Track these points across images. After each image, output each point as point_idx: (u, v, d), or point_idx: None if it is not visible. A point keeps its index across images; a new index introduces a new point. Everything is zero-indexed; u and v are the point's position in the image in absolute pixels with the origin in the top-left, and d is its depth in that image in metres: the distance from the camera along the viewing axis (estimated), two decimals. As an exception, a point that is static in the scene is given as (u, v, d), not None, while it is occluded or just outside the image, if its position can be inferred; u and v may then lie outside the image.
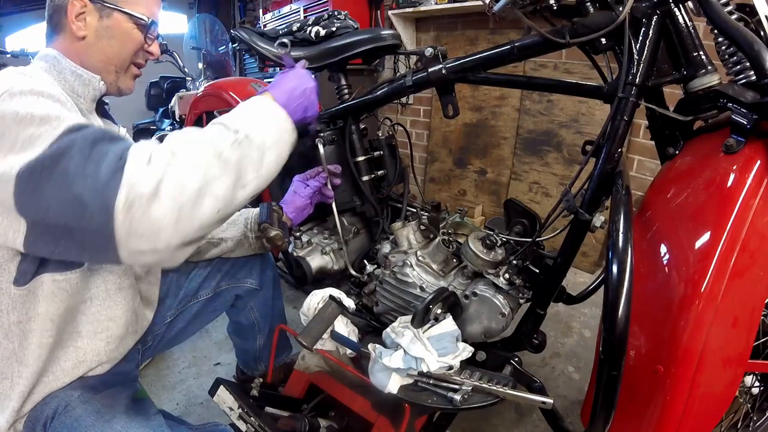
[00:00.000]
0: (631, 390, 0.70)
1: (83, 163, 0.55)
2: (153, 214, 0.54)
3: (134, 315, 0.85)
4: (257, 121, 0.69)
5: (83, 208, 0.54)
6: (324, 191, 1.16)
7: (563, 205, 0.85)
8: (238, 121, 0.67)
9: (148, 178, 0.55)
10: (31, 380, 0.70)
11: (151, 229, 0.55)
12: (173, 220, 0.55)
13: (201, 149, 0.60)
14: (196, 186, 0.57)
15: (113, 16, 0.76)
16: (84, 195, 0.54)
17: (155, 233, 0.55)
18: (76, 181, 0.54)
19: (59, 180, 0.54)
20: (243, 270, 1.12)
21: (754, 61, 0.65)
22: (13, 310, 0.67)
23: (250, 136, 0.65)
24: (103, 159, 0.55)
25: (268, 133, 0.69)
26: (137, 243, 0.55)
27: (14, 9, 3.70)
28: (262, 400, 0.95)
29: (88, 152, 0.56)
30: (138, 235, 0.55)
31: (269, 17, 3.18)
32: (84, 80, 0.76)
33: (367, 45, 1.20)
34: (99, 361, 0.78)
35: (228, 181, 0.61)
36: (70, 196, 0.54)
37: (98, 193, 0.53)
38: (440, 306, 0.91)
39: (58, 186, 0.54)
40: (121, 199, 0.53)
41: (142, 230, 0.55)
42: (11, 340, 0.68)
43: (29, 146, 0.55)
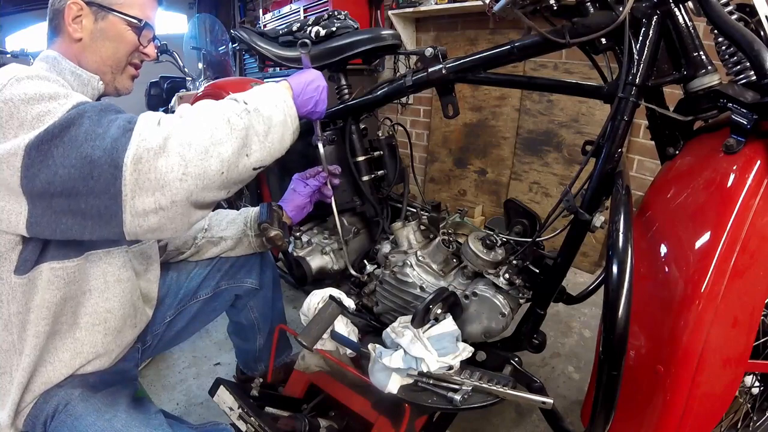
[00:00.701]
0: (631, 390, 0.70)
1: (93, 127, 0.58)
2: (160, 167, 0.57)
3: (133, 308, 0.85)
4: (267, 99, 0.75)
5: (92, 167, 0.56)
6: (323, 190, 1.16)
7: (563, 205, 0.85)
8: (249, 96, 0.73)
9: (156, 134, 0.58)
10: (28, 370, 0.70)
11: (158, 183, 0.58)
12: (179, 174, 0.58)
13: (209, 113, 0.64)
14: (203, 144, 0.61)
15: (108, 18, 0.77)
16: (93, 154, 0.56)
17: (161, 187, 0.58)
18: (86, 142, 0.57)
19: (69, 144, 0.56)
20: (243, 270, 1.12)
21: (754, 61, 0.65)
22: (13, 300, 0.68)
23: (259, 110, 0.71)
24: (113, 123, 0.59)
25: (276, 112, 0.74)
26: (142, 200, 0.58)
27: (14, 9, 3.70)
28: (262, 400, 0.95)
29: (97, 118, 0.59)
30: (144, 189, 0.57)
31: (269, 17, 3.18)
32: (83, 80, 0.77)
33: (367, 45, 1.20)
34: (96, 353, 0.78)
35: (234, 145, 0.64)
36: (80, 157, 0.56)
37: (107, 151, 0.56)
38: (440, 306, 0.91)
39: (67, 149, 0.56)
40: (130, 154, 0.56)
41: (149, 183, 0.57)
42: (10, 332, 0.69)
43: (38, 123, 0.57)
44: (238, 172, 0.67)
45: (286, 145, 0.77)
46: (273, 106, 0.74)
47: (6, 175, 0.57)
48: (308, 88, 0.86)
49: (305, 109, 0.86)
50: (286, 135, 0.77)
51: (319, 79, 0.89)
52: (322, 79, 0.90)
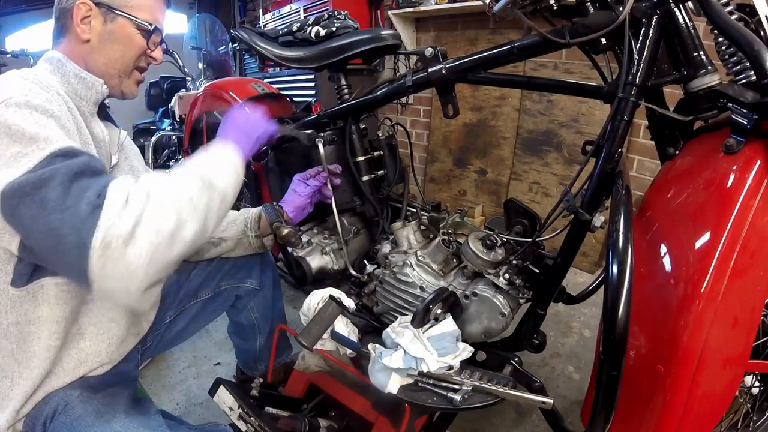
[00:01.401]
0: (631, 390, 0.70)
1: (63, 196, 0.56)
2: (128, 256, 0.56)
3: (135, 316, 0.85)
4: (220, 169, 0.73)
5: (59, 242, 0.56)
6: (323, 191, 1.16)
7: (563, 205, 0.85)
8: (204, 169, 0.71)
9: (125, 220, 0.56)
10: (35, 381, 0.70)
11: (125, 272, 0.56)
12: (146, 262, 0.57)
13: (174, 194, 0.63)
14: (170, 230, 0.59)
15: (117, 20, 0.77)
16: (61, 229, 0.55)
17: (128, 276, 0.57)
18: (54, 213, 0.56)
19: (38, 209, 0.56)
20: (243, 270, 1.12)
21: (754, 61, 0.65)
22: (11, 311, 0.68)
23: (214, 183, 0.69)
24: (83, 195, 0.57)
25: (229, 177, 0.73)
26: (110, 284, 0.57)
27: (14, 9, 3.70)
28: (262, 400, 0.95)
29: (68, 185, 0.57)
30: (110, 276, 0.56)
31: (269, 17, 3.18)
32: (87, 83, 0.76)
33: (367, 45, 1.20)
34: (100, 362, 0.78)
35: (196, 226, 0.63)
36: (48, 228, 0.56)
37: (75, 229, 0.55)
38: (440, 306, 0.91)
39: (37, 214, 0.56)
40: (98, 238, 0.54)
41: (116, 272, 0.56)
42: (9, 341, 0.69)
43: (14, 163, 0.57)
44: (192, 251, 0.66)
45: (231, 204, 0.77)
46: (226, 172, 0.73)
47: None
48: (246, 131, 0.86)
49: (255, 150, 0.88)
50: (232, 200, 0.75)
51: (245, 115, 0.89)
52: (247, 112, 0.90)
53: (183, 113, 2.61)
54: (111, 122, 0.88)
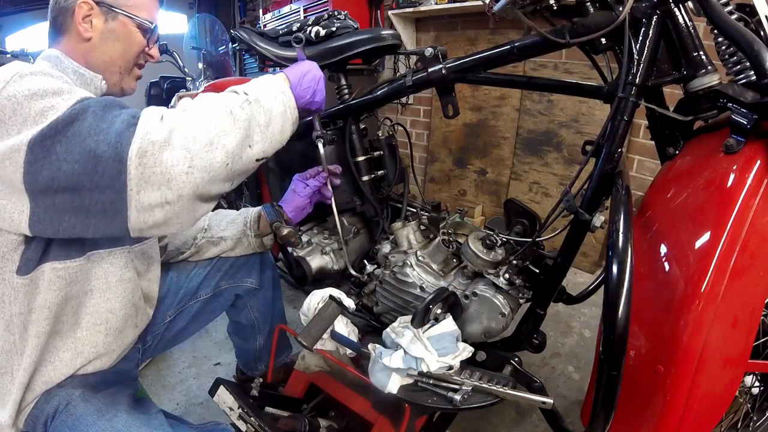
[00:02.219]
0: (631, 390, 0.70)
1: (97, 122, 0.57)
2: (165, 160, 0.57)
3: (134, 308, 0.85)
4: (267, 90, 0.76)
5: (96, 162, 0.56)
6: (323, 191, 1.16)
7: (563, 205, 0.85)
8: (249, 87, 0.74)
9: (161, 128, 0.58)
10: (29, 369, 0.70)
11: (163, 177, 0.57)
12: (185, 168, 0.58)
13: (212, 105, 0.65)
14: (208, 137, 0.61)
15: (118, 19, 0.78)
16: (98, 148, 0.56)
17: (167, 181, 0.58)
18: (90, 137, 0.56)
19: (72, 139, 0.56)
20: (243, 270, 1.12)
21: (754, 61, 0.65)
22: (15, 301, 0.67)
23: (260, 101, 0.72)
24: (117, 118, 0.58)
25: (276, 103, 0.75)
26: (148, 194, 0.57)
27: (14, 9, 3.70)
28: (262, 400, 0.95)
29: (101, 113, 0.58)
30: (150, 183, 0.57)
31: (269, 17, 3.18)
32: (86, 79, 0.77)
33: (367, 45, 1.20)
34: (97, 353, 0.78)
35: (237, 136, 0.65)
36: (84, 152, 0.56)
37: (112, 145, 0.56)
38: (440, 306, 0.91)
39: (71, 145, 0.56)
40: (134, 148, 0.56)
41: (155, 177, 0.57)
42: (12, 332, 0.69)
43: (42, 118, 0.57)
44: (242, 164, 0.67)
45: (286, 136, 0.78)
46: (273, 97, 0.75)
47: (9, 171, 0.56)
48: (305, 79, 0.87)
49: (303, 100, 0.87)
50: (286, 126, 0.77)
51: (315, 69, 0.90)
52: (318, 70, 0.91)
53: (183, 113, 2.60)
54: None
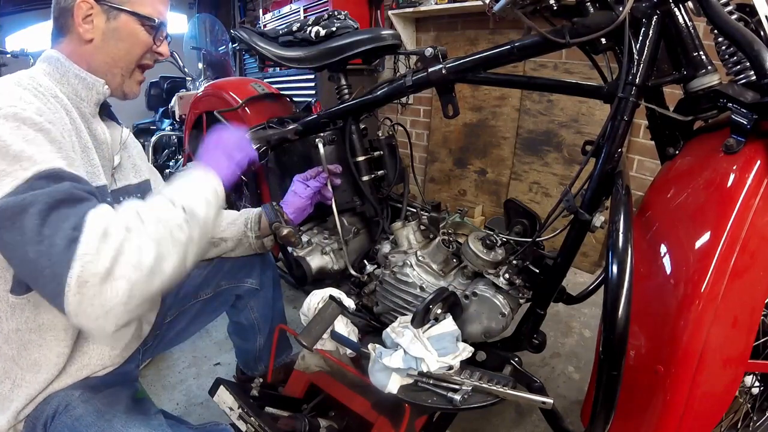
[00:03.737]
0: (631, 390, 0.70)
1: (40, 226, 0.54)
2: (105, 293, 0.54)
3: (139, 320, 0.85)
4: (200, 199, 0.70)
5: (37, 274, 0.55)
6: (324, 192, 1.16)
7: (563, 205, 0.85)
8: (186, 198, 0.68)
9: (102, 256, 0.54)
10: (42, 386, 0.71)
11: (102, 309, 0.54)
12: (124, 299, 0.55)
13: (155, 226, 0.61)
14: (149, 265, 0.57)
15: (120, 17, 0.74)
16: (38, 262, 0.54)
17: (104, 314, 0.55)
18: (30, 244, 0.54)
19: (18, 235, 0.55)
20: (243, 270, 1.12)
21: (754, 61, 0.65)
22: (11, 318, 0.68)
23: (196, 214, 0.67)
24: (60, 226, 0.55)
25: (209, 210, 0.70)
26: (85, 321, 0.55)
27: (14, 9, 3.70)
28: (262, 400, 0.95)
29: (46, 213, 0.55)
30: (87, 314, 0.54)
31: (269, 17, 3.18)
32: (88, 84, 0.75)
33: (367, 45, 1.20)
34: (103, 365, 0.79)
35: (176, 259, 0.61)
36: (26, 258, 0.55)
37: (51, 264, 0.54)
38: (440, 306, 0.91)
39: (16, 241, 0.55)
40: (74, 275, 0.53)
41: (92, 309, 0.54)
42: (10, 346, 0.69)
43: None
44: (174, 282, 0.64)
45: None
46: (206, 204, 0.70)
47: None
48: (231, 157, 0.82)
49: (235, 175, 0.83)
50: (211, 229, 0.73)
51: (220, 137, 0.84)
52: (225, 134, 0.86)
53: (183, 113, 2.61)
54: (114, 121, 0.87)
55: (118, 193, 0.82)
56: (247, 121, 1.57)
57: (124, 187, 0.84)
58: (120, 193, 0.82)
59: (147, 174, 0.92)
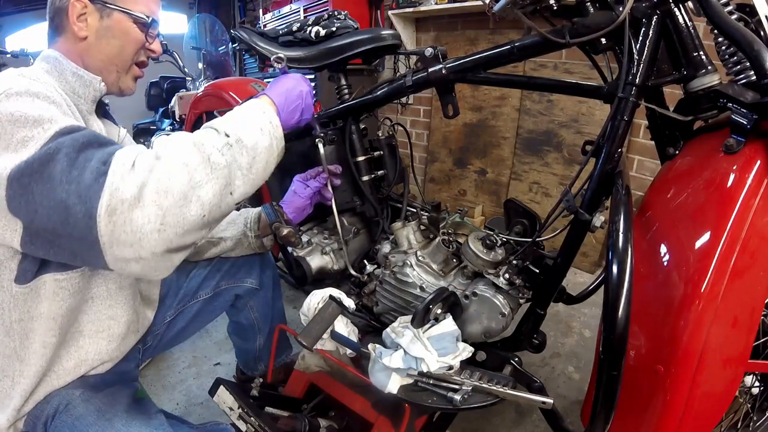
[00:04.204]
0: (631, 390, 0.70)
1: (69, 168, 0.55)
2: (135, 219, 0.54)
3: (135, 314, 0.85)
4: (250, 125, 0.69)
5: (67, 214, 0.54)
6: (324, 192, 1.16)
7: (563, 205, 0.85)
8: (231, 124, 0.67)
9: (130, 182, 0.54)
10: (33, 379, 0.70)
11: (134, 235, 0.54)
12: (156, 226, 0.55)
13: (187, 153, 0.59)
14: (181, 191, 0.56)
15: (113, 15, 0.76)
16: (68, 200, 0.54)
17: (138, 240, 0.55)
18: (60, 185, 0.54)
19: (47, 183, 0.55)
20: (243, 270, 1.12)
21: (754, 61, 0.65)
22: (14, 308, 0.67)
23: (242, 140, 0.65)
24: (88, 164, 0.55)
25: (261, 138, 0.69)
26: (121, 250, 0.55)
27: (14, 9, 3.70)
28: (262, 400, 0.95)
29: (74, 156, 0.56)
30: (121, 242, 0.54)
31: (269, 17, 3.18)
32: (84, 81, 0.76)
33: (367, 45, 1.20)
34: (101, 359, 0.78)
35: (215, 186, 0.60)
36: (56, 201, 0.54)
37: (81, 198, 0.54)
38: (440, 306, 0.91)
39: (44, 189, 0.55)
40: (103, 204, 0.53)
41: (125, 236, 0.54)
42: (12, 338, 0.69)
43: (21, 148, 0.56)
44: (221, 212, 0.63)
45: (270, 170, 0.72)
46: (258, 131, 0.68)
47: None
48: (291, 97, 0.80)
49: (292, 121, 0.81)
50: (271, 160, 0.71)
51: (300, 83, 0.84)
52: (304, 82, 0.85)
53: (183, 113, 2.62)
54: (110, 120, 0.88)
55: None
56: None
57: None
58: None
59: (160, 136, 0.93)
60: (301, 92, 0.83)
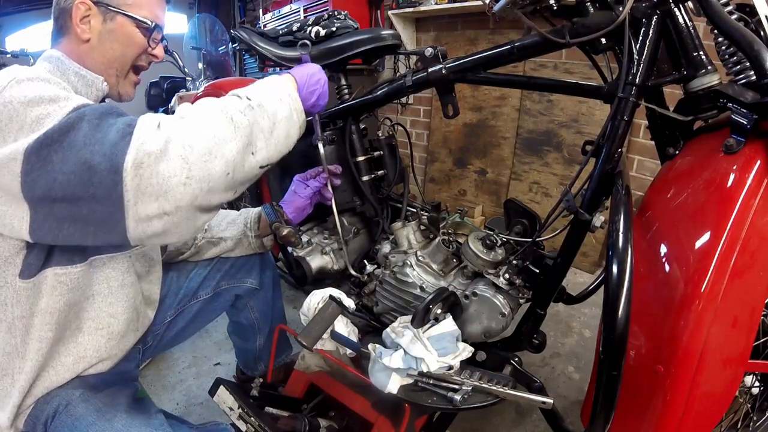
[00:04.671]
0: (631, 390, 0.70)
1: (92, 132, 0.56)
2: (162, 171, 0.55)
3: (135, 313, 0.85)
4: (271, 94, 0.72)
5: (92, 173, 0.55)
6: (324, 192, 1.16)
7: (563, 205, 0.85)
8: (252, 91, 0.70)
9: (157, 138, 0.56)
10: (30, 374, 0.70)
11: (160, 188, 0.56)
12: (182, 179, 0.56)
13: (211, 112, 0.62)
14: (206, 146, 0.59)
15: (116, 19, 0.76)
16: (93, 159, 0.55)
17: (164, 192, 0.56)
18: (85, 147, 0.55)
19: (68, 149, 0.55)
20: (243, 270, 1.12)
21: (754, 61, 0.65)
22: (17, 304, 0.67)
23: (263, 105, 0.68)
24: (112, 127, 0.57)
25: (281, 107, 0.72)
26: (145, 205, 0.56)
27: (14, 9, 3.70)
28: (262, 400, 0.95)
29: (96, 122, 0.57)
30: (147, 194, 0.55)
31: (269, 17, 3.18)
32: (87, 81, 0.76)
33: (367, 45, 1.20)
34: (99, 357, 0.78)
35: (239, 144, 0.62)
36: (79, 163, 0.55)
37: (107, 156, 0.55)
38: (440, 306, 0.91)
39: (66, 155, 0.55)
40: (129, 159, 0.54)
41: (151, 189, 0.55)
42: (14, 335, 0.69)
43: (38, 126, 0.56)
44: (245, 172, 0.65)
45: (292, 141, 0.75)
46: (278, 101, 0.72)
47: (7, 180, 0.56)
48: (311, 80, 0.84)
49: (308, 103, 0.84)
50: (292, 130, 0.74)
51: (320, 72, 0.88)
52: (323, 73, 0.89)
53: (183, 113, 2.61)
54: None
55: None
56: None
57: None
58: None
59: None
60: (320, 79, 0.86)
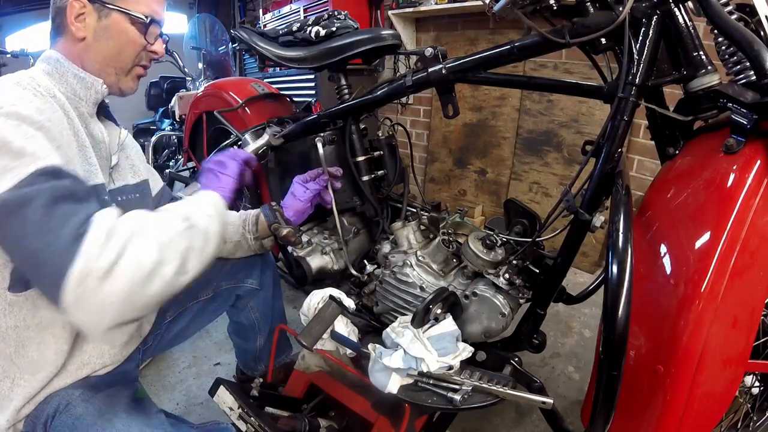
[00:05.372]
0: (631, 390, 0.70)
1: (45, 218, 0.56)
2: (104, 292, 0.55)
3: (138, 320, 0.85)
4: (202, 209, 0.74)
5: (39, 265, 0.56)
6: (323, 194, 1.16)
7: (563, 205, 0.85)
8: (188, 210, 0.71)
9: (105, 254, 0.55)
10: (41, 384, 0.71)
11: (98, 307, 0.56)
12: (122, 298, 0.56)
13: (157, 232, 0.62)
14: (150, 267, 0.59)
15: (112, 16, 0.75)
16: (41, 252, 0.55)
17: (101, 311, 0.56)
18: (36, 235, 0.55)
19: (21, 227, 0.56)
20: (243, 270, 1.12)
21: (754, 61, 0.65)
22: (9, 315, 0.68)
23: (196, 224, 0.69)
24: (66, 221, 0.56)
25: (212, 219, 0.73)
26: (81, 316, 0.56)
27: (14, 9, 3.70)
28: (262, 400, 0.95)
29: (51, 207, 0.56)
30: (83, 309, 0.55)
31: (269, 17, 3.18)
32: (86, 83, 0.75)
33: (367, 45, 1.20)
34: (103, 363, 0.79)
35: (175, 265, 0.62)
36: (29, 249, 0.56)
37: (55, 255, 0.55)
38: (440, 306, 0.91)
39: (19, 232, 0.56)
40: (76, 269, 0.54)
41: (90, 306, 0.55)
42: (7, 344, 0.69)
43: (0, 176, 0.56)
44: (173, 291, 0.64)
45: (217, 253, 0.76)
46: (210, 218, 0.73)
47: None
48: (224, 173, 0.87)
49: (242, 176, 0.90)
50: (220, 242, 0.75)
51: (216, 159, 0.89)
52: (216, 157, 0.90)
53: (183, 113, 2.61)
54: (111, 121, 0.87)
55: (116, 193, 0.82)
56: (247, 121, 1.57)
57: (122, 187, 0.84)
58: (117, 193, 0.82)
59: (145, 174, 0.92)
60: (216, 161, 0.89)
